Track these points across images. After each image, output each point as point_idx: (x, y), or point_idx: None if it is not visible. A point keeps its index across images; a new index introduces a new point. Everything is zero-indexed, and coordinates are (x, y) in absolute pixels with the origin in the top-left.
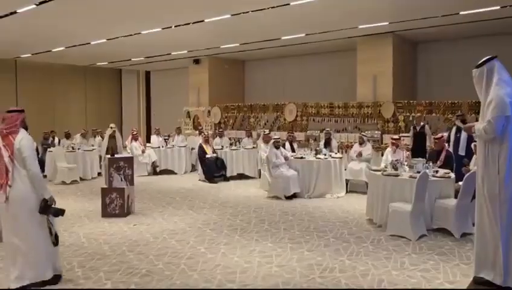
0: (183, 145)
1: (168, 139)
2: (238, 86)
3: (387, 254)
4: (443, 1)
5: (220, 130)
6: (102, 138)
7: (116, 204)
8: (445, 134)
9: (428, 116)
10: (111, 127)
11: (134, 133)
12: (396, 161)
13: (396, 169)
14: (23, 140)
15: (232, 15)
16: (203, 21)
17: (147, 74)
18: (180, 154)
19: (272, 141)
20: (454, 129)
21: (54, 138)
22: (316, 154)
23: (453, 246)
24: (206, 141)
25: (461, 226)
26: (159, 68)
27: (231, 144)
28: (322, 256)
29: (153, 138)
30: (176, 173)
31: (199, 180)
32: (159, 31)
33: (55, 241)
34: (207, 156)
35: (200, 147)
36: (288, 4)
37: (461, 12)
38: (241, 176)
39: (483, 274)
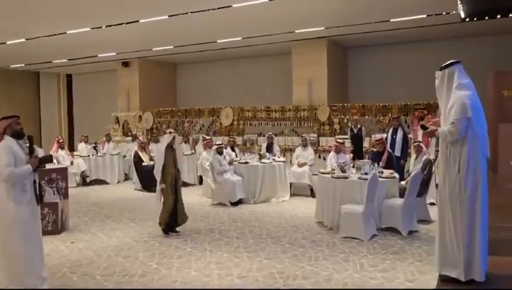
0: (116, 153)
1: (96, 146)
2: (170, 90)
3: (345, 257)
4: (376, 8)
5: (155, 136)
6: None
7: (48, 220)
8: (384, 135)
9: (361, 118)
10: (170, 132)
11: (61, 141)
12: (343, 163)
13: (344, 171)
14: None
15: (169, 16)
16: (138, 21)
17: (68, 77)
18: (112, 162)
19: (215, 147)
20: (390, 131)
21: None
22: (260, 158)
23: (403, 245)
24: (143, 148)
25: (408, 224)
26: (82, 71)
27: None
28: (282, 263)
29: (81, 145)
30: (108, 183)
31: (135, 189)
32: (87, 31)
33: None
34: (144, 164)
35: (136, 154)
36: (230, 6)
37: (392, 20)
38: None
39: (446, 271)
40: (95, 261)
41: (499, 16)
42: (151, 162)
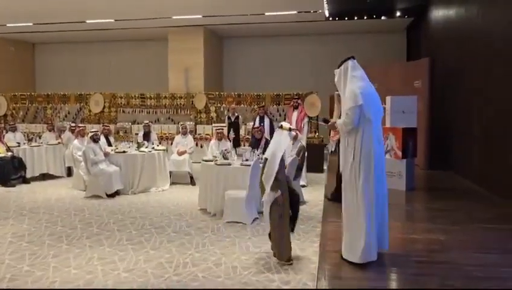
0: None
1: None
2: (27, 72)
3: (231, 241)
4: (251, 0)
5: (12, 124)
6: None
7: None
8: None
9: (237, 106)
10: (289, 129)
11: None
12: (225, 150)
13: (226, 158)
14: None
15: None
16: None
17: None
18: None
19: (90, 134)
20: (257, 119)
21: None
22: (138, 147)
23: None
24: None
25: None
26: None
27: (30, 140)
28: (169, 253)
29: None
30: None
31: None
32: None
33: None
34: None
35: None
36: None
37: (266, 13)
38: (45, 176)
39: (346, 256)
40: None
41: (356, 18)
42: (9, 153)
